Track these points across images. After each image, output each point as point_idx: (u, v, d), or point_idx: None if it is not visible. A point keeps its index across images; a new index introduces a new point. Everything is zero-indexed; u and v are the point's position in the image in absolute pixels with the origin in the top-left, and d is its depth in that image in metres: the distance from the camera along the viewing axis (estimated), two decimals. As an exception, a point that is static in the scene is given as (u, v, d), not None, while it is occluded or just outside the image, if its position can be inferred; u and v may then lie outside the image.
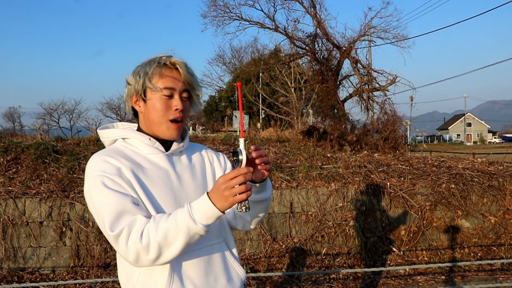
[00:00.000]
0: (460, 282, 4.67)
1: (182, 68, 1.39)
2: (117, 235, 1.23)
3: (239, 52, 32.79)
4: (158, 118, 1.38)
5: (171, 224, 1.22)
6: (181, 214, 1.23)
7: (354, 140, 8.86)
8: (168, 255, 1.24)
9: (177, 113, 1.39)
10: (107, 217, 1.24)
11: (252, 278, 4.51)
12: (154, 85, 1.36)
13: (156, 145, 1.42)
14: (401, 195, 5.28)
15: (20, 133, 16.82)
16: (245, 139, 1.33)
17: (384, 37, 12.54)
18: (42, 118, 32.62)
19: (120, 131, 1.45)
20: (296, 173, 5.58)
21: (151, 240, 1.21)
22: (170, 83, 1.37)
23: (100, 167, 1.31)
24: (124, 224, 1.23)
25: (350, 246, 5.05)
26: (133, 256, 1.22)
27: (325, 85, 11.54)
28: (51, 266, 4.69)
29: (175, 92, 1.38)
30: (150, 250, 1.21)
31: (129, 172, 1.32)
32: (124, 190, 1.29)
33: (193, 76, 1.42)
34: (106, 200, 1.25)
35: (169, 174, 1.40)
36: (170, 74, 1.38)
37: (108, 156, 1.34)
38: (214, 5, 13.74)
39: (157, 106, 1.37)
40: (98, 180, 1.28)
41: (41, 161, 5.56)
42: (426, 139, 60.01)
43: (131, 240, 1.22)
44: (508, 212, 5.41)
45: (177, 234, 1.21)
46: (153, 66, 1.37)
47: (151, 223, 1.24)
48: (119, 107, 34.27)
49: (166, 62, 1.38)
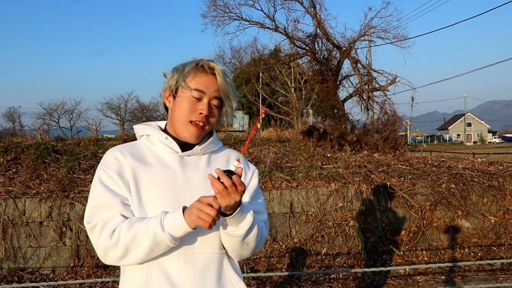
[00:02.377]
0: (460, 282, 4.67)
1: (219, 74, 1.37)
2: (92, 228, 1.29)
3: (239, 52, 32.79)
4: (181, 118, 1.38)
5: (142, 227, 1.24)
6: (153, 220, 1.25)
7: (354, 140, 8.85)
8: (133, 256, 1.27)
9: (200, 117, 1.37)
10: (88, 208, 1.32)
11: (252, 278, 4.51)
12: (186, 84, 1.36)
13: (171, 144, 1.41)
14: (401, 195, 5.28)
15: (20, 133, 16.83)
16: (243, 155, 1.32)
17: (384, 37, 12.54)
18: (42, 118, 32.61)
19: (146, 128, 1.46)
20: (296, 173, 5.58)
21: (120, 238, 1.25)
22: (201, 85, 1.36)
23: (106, 161, 1.37)
24: (100, 219, 1.28)
25: (350, 246, 5.05)
26: (102, 250, 1.27)
27: (325, 85, 11.55)
28: (51, 266, 4.69)
29: (204, 96, 1.37)
30: (118, 248, 1.25)
31: (130, 170, 1.35)
32: (118, 187, 1.32)
33: (230, 85, 1.40)
34: (95, 193, 1.32)
35: (175, 175, 1.38)
36: (205, 78, 1.37)
37: (119, 152, 1.38)
38: (214, 5, 13.74)
39: (183, 105, 1.37)
40: (99, 173, 1.35)
41: (41, 161, 5.56)
42: (426, 139, 60.01)
43: (103, 235, 1.27)
44: (508, 212, 5.41)
45: (144, 237, 1.24)
46: (192, 66, 1.38)
47: (126, 223, 1.27)
48: (119, 107, 34.26)
49: (204, 65, 1.38)
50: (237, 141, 7.71)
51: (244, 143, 7.37)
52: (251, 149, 6.81)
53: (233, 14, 13.70)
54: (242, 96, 30.46)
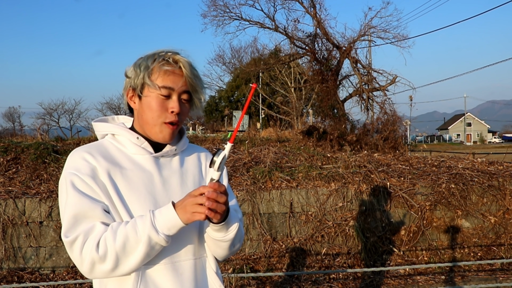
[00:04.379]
0: (460, 282, 4.67)
1: (185, 67, 1.28)
2: (71, 242, 1.16)
3: (239, 52, 32.81)
4: (152, 119, 1.29)
5: (130, 233, 1.15)
6: (141, 222, 1.16)
7: (354, 140, 8.86)
8: (126, 266, 1.17)
9: (172, 116, 1.29)
10: (65, 220, 1.18)
11: (252, 278, 4.51)
12: (152, 82, 1.26)
13: (144, 145, 1.32)
14: (401, 195, 5.28)
15: (20, 133, 16.82)
16: (233, 145, 1.23)
17: (384, 37, 12.56)
18: (42, 118, 32.63)
19: (110, 127, 1.35)
20: (296, 173, 5.58)
21: (108, 249, 1.14)
22: (169, 82, 1.27)
23: (75, 165, 1.23)
24: (80, 231, 1.16)
25: (350, 246, 5.05)
26: (88, 266, 1.16)
27: (325, 85, 11.55)
28: (51, 266, 4.69)
29: (173, 92, 1.28)
30: (107, 260, 1.15)
31: (104, 173, 1.24)
32: (94, 193, 1.21)
33: (197, 77, 1.31)
34: (69, 201, 1.19)
35: (152, 177, 1.30)
36: (171, 73, 1.27)
37: (87, 153, 1.25)
38: (214, 5, 13.76)
39: (152, 106, 1.27)
40: (69, 178, 1.21)
41: (41, 161, 5.56)
42: (426, 139, 60.00)
43: (86, 248, 1.15)
44: (508, 212, 5.41)
45: (136, 244, 1.15)
46: (156, 61, 1.27)
47: (109, 231, 1.16)
48: (119, 107, 34.26)
49: (169, 58, 1.28)
50: (237, 141, 7.71)
51: (244, 143, 7.36)
52: (250, 149, 6.81)
53: (233, 14, 13.72)
54: (242, 96, 30.46)
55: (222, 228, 1.25)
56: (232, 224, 1.28)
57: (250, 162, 5.89)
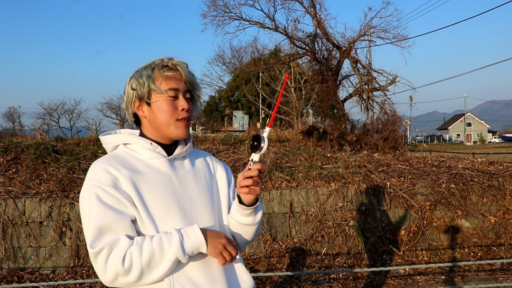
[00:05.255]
0: (460, 282, 4.67)
1: (183, 69, 1.40)
2: (97, 253, 1.23)
3: (239, 52, 32.82)
4: (166, 119, 1.38)
5: (156, 250, 1.24)
6: (168, 242, 1.25)
7: (354, 140, 8.86)
8: (148, 279, 1.26)
9: (184, 113, 1.39)
10: (90, 231, 1.24)
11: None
12: (158, 87, 1.36)
13: (157, 149, 1.41)
14: (401, 195, 5.28)
15: (20, 133, 16.82)
16: (271, 129, 1.34)
17: (384, 37, 12.56)
18: (42, 118, 32.63)
19: (122, 137, 1.44)
20: (296, 173, 5.58)
21: (133, 263, 1.22)
22: (174, 84, 1.38)
23: (98, 177, 1.29)
24: (105, 243, 1.23)
25: (350, 246, 5.05)
26: (111, 277, 1.23)
27: (325, 85, 11.56)
28: (51, 266, 4.69)
29: (179, 92, 1.39)
30: (131, 273, 1.22)
31: (127, 182, 1.30)
32: (118, 203, 1.28)
33: (193, 76, 1.44)
34: (93, 213, 1.25)
35: (171, 179, 1.39)
36: (173, 76, 1.39)
37: (108, 165, 1.32)
38: (214, 5, 13.76)
39: (163, 108, 1.37)
40: (93, 190, 1.27)
41: (41, 161, 5.56)
42: (426, 139, 60.00)
43: (111, 260, 1.22)
44: (508, 212, 5.41)
45: (161, 260, 1.24)
46: (155, 68, 1.38)
47: (134, 246, 1.23)
48: (119, 107, 34.27)
49: (168, 64, 1.39)
50: (237, 141, 7.70)
51: (244, 143, 7.36)
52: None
53: (233, 14, 13.72)
54: (242, 96, 30.46)
55: (253, 212, 1.39)
56: (260, 208, 1.43)
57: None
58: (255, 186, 1.30)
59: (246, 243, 1.50)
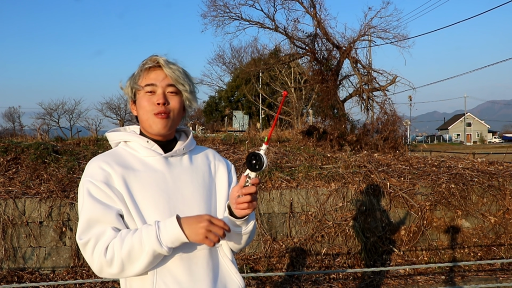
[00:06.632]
0: (460, 282, 4.67)
1: (163, 64, 1.40)
2: (84, 244, 1.28)
3: (239, 52, 32.80)
4: (144, 115, 1.40)
5: (135, 242, 1.25)
6: (146, 234, 1.25)
7: (354, 140, 8.86)
8: (131, 271, 1.28)
9: (159, 107, 1.38)
10: (80, 224, 1.30)
11: (252, 278, 4.51)
12: (138, 85, 1.40)
13: (154, 147, 1.43)
14: (401, 195, 5.28)
15: (20, 133, 16.81)
16: (268, 147, 1.32)
17: (384, 37, 12.56)
18: (42, 118, 32.61)
19: (122, 134, 1.47)
20: (296, 173, 5.58)
21: (115, 255, 1.25)
22: (150, 79, 1.39)
23: (91, 173, 1.34)
24: (92, 234, 1.27)
25: (350, 246, 5.05)
26: (97, 267, 1.27)
27: (325, 85, 11.55)
28: (51, 266, 4.69)
29: (156, 87, 1.39)
30: (113, 265, 1.25)
31: (119, 179, 1.34)
32: (108, 198, 1.31)
33: (176, 70, 1.41)
34: (84, 207, 1.30)
35: (164, 177, 1.40)
36: (153, 72, 1.41)
37: (102, 161, 1.37)
38: (214, 5, 13.76)
39: (142, 104, 1.40)
40: (85, 185, 1.33)
41: (41, 161, 5.56)
42: (426, 139, 59.99)
43: (96, 251, 1.26)
44: (508, 212, 5.41)
45: (141, 253, 1.25)
46: (139, 69, 1.42)
47: (117, 238, 1.26)
48: (119, 107, 34.28)
49: (148, 62, 1.41)
50: (237, 141, 7.71)
51: (244, 142, 7.36)
52: (250, 149, 6.81)
53: (233, 14, 13.72)
54: (242, 96, 30.46)
55: (244, 222, 1.38)
56: (251, 218, 1.42)
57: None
58: (252, 201, 1.30)
59: (238, 248, 1.49)
